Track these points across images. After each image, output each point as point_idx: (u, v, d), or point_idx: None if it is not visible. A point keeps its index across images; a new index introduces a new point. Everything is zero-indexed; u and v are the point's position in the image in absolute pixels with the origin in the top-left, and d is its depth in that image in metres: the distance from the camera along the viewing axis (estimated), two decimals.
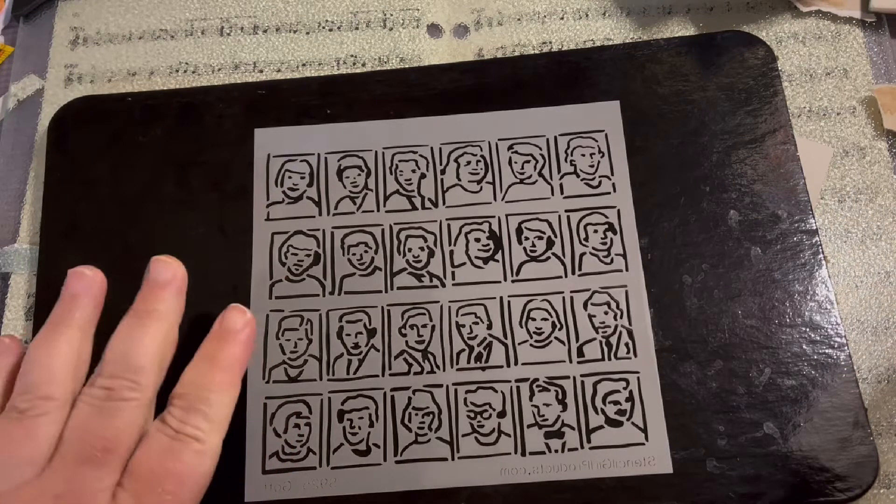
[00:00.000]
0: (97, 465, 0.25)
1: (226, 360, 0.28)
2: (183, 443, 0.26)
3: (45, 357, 0.27)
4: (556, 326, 0.31)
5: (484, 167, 0.34)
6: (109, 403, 0.26)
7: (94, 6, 0.39)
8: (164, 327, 0.28)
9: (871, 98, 0.35)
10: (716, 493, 0.29)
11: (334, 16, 0.38)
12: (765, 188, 0.33)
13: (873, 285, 0.33)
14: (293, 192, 0.33)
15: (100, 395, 0.26)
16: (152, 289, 0.29)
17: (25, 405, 0.26)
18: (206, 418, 0.26)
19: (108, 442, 0.25)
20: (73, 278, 0.29)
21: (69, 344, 0.27)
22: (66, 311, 0.28)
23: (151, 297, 0.28)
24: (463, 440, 0.30)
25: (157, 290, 0.29)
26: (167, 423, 0.26)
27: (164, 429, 0.26)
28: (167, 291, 0.29)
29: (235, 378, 0.28)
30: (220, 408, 0.27)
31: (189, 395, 0.27)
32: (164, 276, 0.29)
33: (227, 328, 0.28)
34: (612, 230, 0.32)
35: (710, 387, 0.30)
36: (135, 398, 0.26)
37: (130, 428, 0.26)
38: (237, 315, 0.29)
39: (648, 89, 0.34)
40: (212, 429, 0.27)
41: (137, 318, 0.28)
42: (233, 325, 0.28)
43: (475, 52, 0.37)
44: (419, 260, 0.32)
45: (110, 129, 0.35)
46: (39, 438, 0.26)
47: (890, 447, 0.31)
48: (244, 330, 0.28)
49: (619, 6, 0.38)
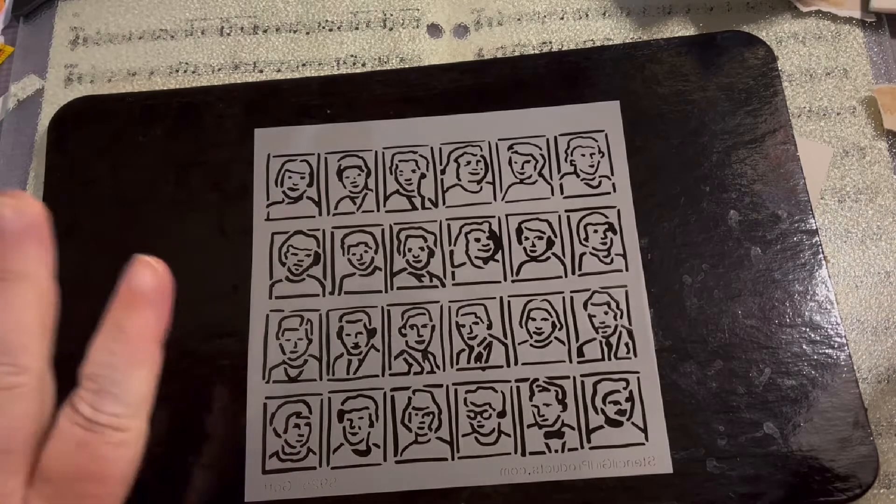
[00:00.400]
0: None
1: (136, 331, 0.23)
2: (99, 434, 0.22)
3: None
4: (556, 326, 0.31)
5: (484, 167, 0.34)
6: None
7: (94, 6, 0.39)
8: (33, 289, 0.23)
9: (871, 98, 0.35)
10: (716, 493, 0.29)
11: (334, 16, 0.38)
12: (765, 188, 0.33)
13: (873, 285, 0.33)
14: (293, 192, 0.33)
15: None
16: (5, 243, 0.23)
17: None
18: (121, 402, 0.22)
19: (1, 443, 0.21)
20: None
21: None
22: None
23: (7, 255, 0.23)
24: (463, 440, 0.30)
25: (12, 243, 0.23)
26: (78, 411, 0.22)
27: (76, 417, 0.22)
28: (26, 242, 0.23)
29: (151, 348, 0.23)
30: (137, 387, 0.23)
31: (98, 375, 0.23)
32: (17, 222, 0.23)
33: (134, 290, 0.23)
34: (612, 230, 0.32)
35: (710, 387, 0.30)
36: (20, 384, 0.22)
37: (23, 420, 0.22)
38: (146, 271, 0.24)
39: (648, 89, 0.34)
40: (130, 412, 0.23)
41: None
42: (140, 284, 0.23)
43: (475, 52, 0.37)
44: (419, 260, 0.32)
45: (110, 129, 0.35)
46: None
47: (890, 447, 0.31)
48: (157, 289, 0.24)
49: (619, 6, 0.38)
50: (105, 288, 0.29)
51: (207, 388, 0.31)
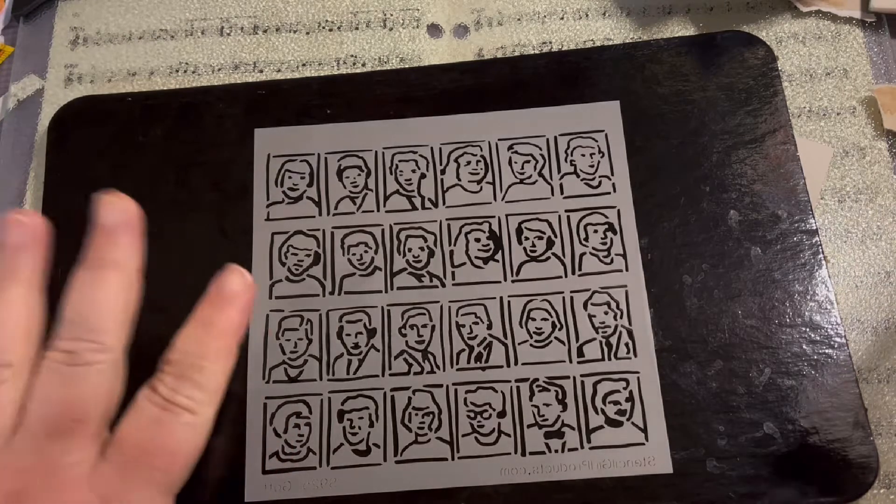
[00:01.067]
0: (66, 436, 0.23)
1: (222, 326, 0.26)
2: (174, 414, 0.24)
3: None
4: (556, 326, 0.31)
5: (484, 167, 0.34)
6: (73, 369, 0.24)
7: (94, 6, 0.39)
8: (123, 278, 0.25)
9: (871, 98, 0.35)
10: (716, 493, 0.29)
11: (334, 16, 0.38)
12: (765, 188, 0.33)
13: (873, 285, 0.33)
14: (293, 192, 0.33)
15: (62, 359, 0.24)
16: (103, 235, 0.26)
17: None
18: (199, 388, 0.25)
19: (77, 412, 0.23)
20: (10, 227, 0.25)
21: (17, 302, 0.25)
22: (9, 266, 0.25)
23: (104, 245, 0.26)
24: (463, 440, 0.30)
25: (109, 235, 0.26)
26: (157, 392, 0.24)
27: (154, 397, 0.24)
28: (121, 236, 0.26)
29: (232, 345, 0.26)
30: (215, 377, 0.25)
31: (182, 361, 0.25)
32: (114, 218, 0.26)
33: (225, 291, 0.26)
34: (612, 230, 0.32)
35: (710, 387, 0.30)
36: (100, 360, 0.24)
37: (99, 394, 0.24)
38: (236, 278, 0.26)
39: (648, 89, 0.34)
40: (205, 399, 0.25)
41: (92, 271, 0.25)
42: (231, 288, 0.26)
43: (475, 52, 0.37)
44: (419, 260, 0.32)
45: (110, 129, 0.35)
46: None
47: (890, 447, 0.31)
48: (244, 294, 0.26)
49: (619, 6, 0.38)
50: None
51: None
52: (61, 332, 0.25)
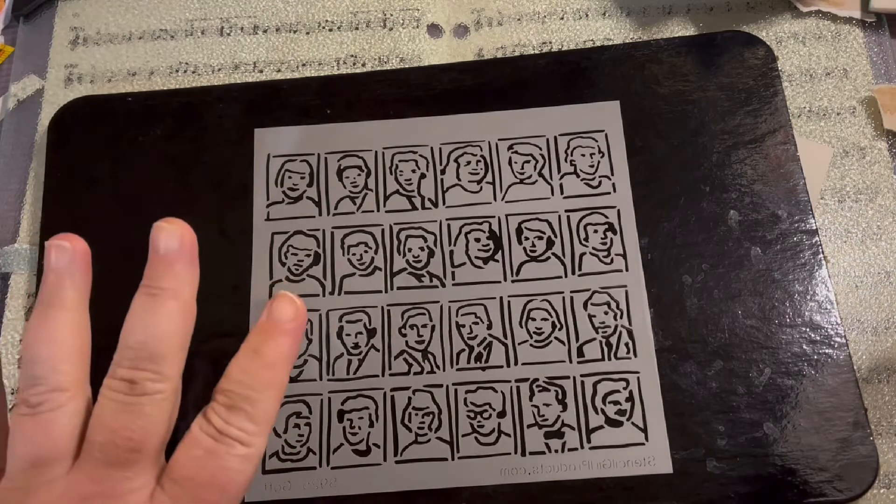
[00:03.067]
0: (126, 465, 0.24)
1: (272, 356, 0.26)
2: (227, 446, 0.24)
3: (46, 345, 0.25)
4: (556, 326, 0.31)
5: (484, 167, 0.34)
6: (133, 398, 0.24)
7: (94, 6, 0.39)
8: (179, 305, 0.26)
9: (871, 98, 0.35)
10: (716, 493, 0.29)
11: (334, 16, 0.38)
12: (765, 188, 0.33)
13: (873, 285, 0.33)
14: (293, 192, 0.34)
15: (122, 388, 0.24)
16: (161, 263, 0.26)
17: (37, 399, 0.24)
18: (251, 419, 0.25)
19: (136, 442, 0.24)
20: (53, 253, 0.26)
21: (67, 327, 0.25)
22: (55, 290, 0.26)
23: (161, 273, 0.26)
24: (463, 440, 0.30)
25: (166, 263, 0.26)
26: (210, 422, 0.25)
27: (208, 428, 0.24)
28: (178, 264, 0.26)
29: (282, 374, 0.26)
30: (266, 407, 0.25)
31: (234, 392, 0.25)
32: (171, 245, 0.26)
33: (274, 320, 0.26)
34: (612, 230, 0.32)
35: (710, 387, 0.30)
36: (160, 391, 0.24)
37: (158, 424, 0.24)
38: (286, 305, 0.27)
39: (648, 89, 0.34)
40: (257, 431, 0.25)
41: (150, 298, 0.26)
42: (281, 316, 0.26)
43: (475, 52, 0.37)
44: (419, 260, 0.32)
45: (110, 129, 0.35)
46: (57, 434, 0.24)
47: (890, 447, 0.31)
48: (293, 321, 0.26)
49: (619, 6, 0.38)
50: (105, 286, 0.29)
51: (208, 388, 0.30)
52: (121, 359, 0.25)
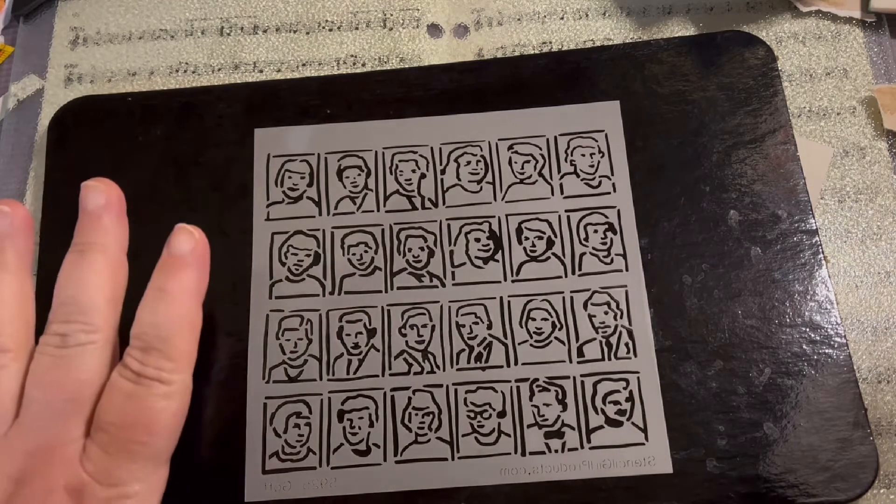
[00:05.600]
0: (63, 416, 0.24)
1: (176, 291, 0.26)
2: (146, 387, 0.24)
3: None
4: (556, 326, 0.31)
5: (484, 167, 0.34)
6: (66, 350, 0.25)
7: (94, 6, 0.39)
8: (108, 259, 0.26)
9: (871, 98, 0.35)
10: (716, 493, 0.29)
11: (334, 16, 0.38)
12: (765, 188, 0.33)
13: (873, 285, 0.33)
14: (293, 192, 0.34)
15: (55, 342, 0.25)
16: (88, 219, 0.27)
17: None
18: (166, 357, 0.25)
19: (71, 392, 0.24)
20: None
21: (8, 290, 0.26)
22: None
23: (89, 229, 0.27)
24: (463, 440, 0.30)
25: (93, 219, 0.27)
26: (127, 367, 0.25)
27: (125, 373, 0.25)
28: (104, 218, 0.27)
29: (191, 307, 0.26)
30: (180, 343, 0.25)
31: (145, 334, 0.25)
32: (97, 202, 0.27)
33: (174, 254, 0.26)
34: (612, 230, 0.32)
35: (710, 387, 0.30)
36: (91, 341, 0.25)
37: (92, 373, 0.25)
38: (183, 237, 0.27)
39: (648, 89, 0.34)
40: (175, 367, 0.25)
41: (79, 254, 0.26)
42: (179, 249, 0.26)
43: (475, 52, 0.37)
44: (419, 260, 0.32)
45: (110, 129, 0.35)
46: (1, 394, 0.24)
47: (890, 447, 0.31)
48: (193, 252, 0.27)
49: (619, 6, 0.38)
50: None
51: (207, 387, 0.31)
52: (54, 316, 0.25)
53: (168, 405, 0.25)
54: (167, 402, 0.25)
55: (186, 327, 0.26)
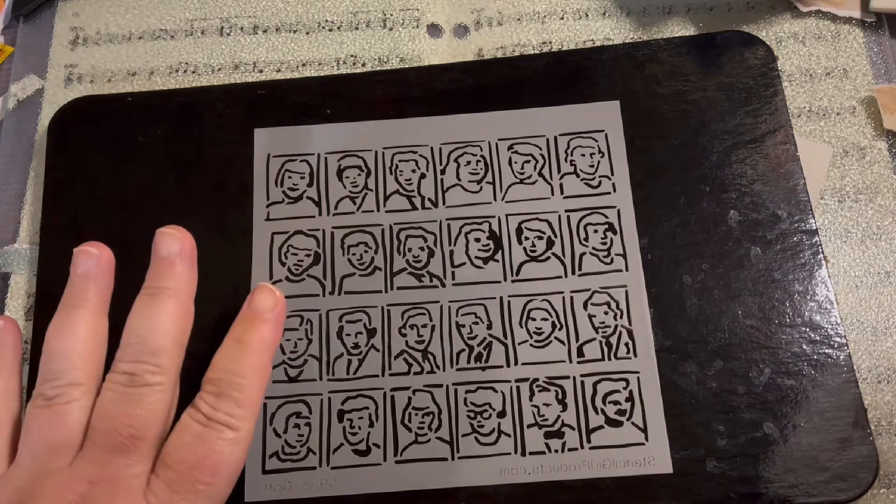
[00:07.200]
0: (127, 452, 0.25)
1: (255, 343, 0.27)
2: (216, 431, 0.26)
3: (65, 343, 0.27)
4: (556, 326, 0.31)
5: (484, 167, 0.34)
6: (133, 389, 0.26)
7: (94, 6, 0.39)
8: (178, 303, 0.28)
9: (871, 98, 0.35)
10: (716, 493, 0.29)
11: (334, 16, 0.38)
12: (765, 188, 0.33)
13: (873, 285, 0.33)
14: (293, 192, 0.33)
15: (123, 380, 0.26)
16: (161, 264, 0.28)
17: (53, 392, 0.26)
18: (237, 404, 0.26)
19: (136, 430, 0.25)
20: (80, 258, 0.29)
21: (87, 326, 0.27)
22: (78, 292, 0.28)
23: (161, 274, 0.28)
24: (463, 440, 0.30)
25: (166, 265, 0.28)
26: (199, 410, 0.26)
27: (196, 415, 0.26)
28: (177, 266, 0.28)
29: (266, 360, 0.28)
30: (252, 392, 0.27)
31: (220, 380, 0.27)
32: (171, 249, 0.29)
33: (255, 309, 0.28)
34: (612, 230, 0.32)
35: (710, 387, 0.30)
36: (158, 382, 0.26)
37: (156, 413, 0.26)
38: (266, 295, 0.28)
39: (648, 89, 0.34)
40: (244, 415, 0.26)
41: (150, 297, 0.28)
42: (261, 305, 0.28)
43: (475, 52, 0.37)
44: (419, 260, 0.32)
45: (110, 129, 0.35)
46: (70, 425, 0.26)
47: (890, 447, 0.31)
48: (273, 310, 0.28)
49: (619, 6, 0.38)
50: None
51: None
52: (123, 354, 0.27)
53: (234, 450, 0.26)
54: (233, 448, 0.26)
55: (259, 378, 0.27)
